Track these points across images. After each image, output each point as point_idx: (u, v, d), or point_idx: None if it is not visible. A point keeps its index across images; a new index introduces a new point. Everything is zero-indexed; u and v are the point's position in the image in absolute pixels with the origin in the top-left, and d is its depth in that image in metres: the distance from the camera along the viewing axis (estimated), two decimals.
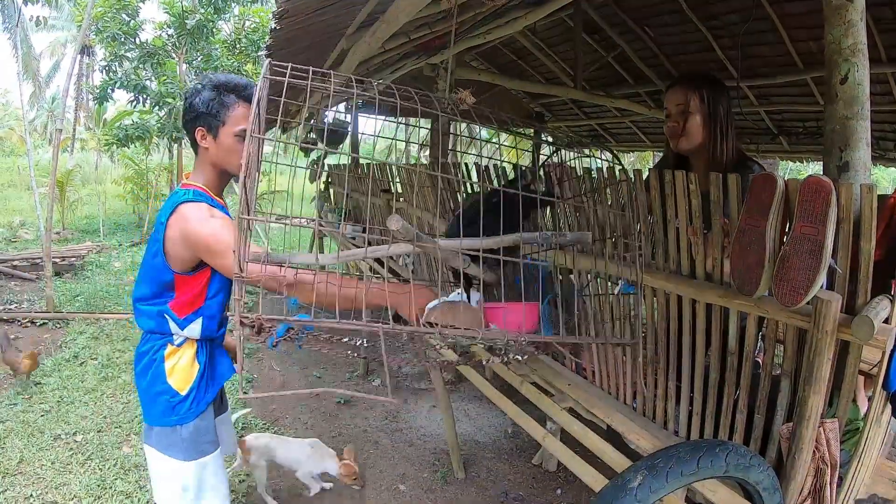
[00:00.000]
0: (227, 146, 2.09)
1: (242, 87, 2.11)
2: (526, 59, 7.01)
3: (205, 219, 2.00)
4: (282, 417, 4.73)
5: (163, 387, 2.16)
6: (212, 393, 2.24)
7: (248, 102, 2.09)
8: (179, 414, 2.16)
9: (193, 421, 2.17)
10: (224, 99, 2.07)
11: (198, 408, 2.18)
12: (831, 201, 1.73)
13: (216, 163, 2.14)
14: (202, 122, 2.08)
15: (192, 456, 2.18)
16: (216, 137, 2.09)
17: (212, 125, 2.08)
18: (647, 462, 1.75)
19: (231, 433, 2.65)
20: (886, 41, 3.98)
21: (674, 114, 2.60)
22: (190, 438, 2.17)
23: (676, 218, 2.25)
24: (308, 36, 3.33)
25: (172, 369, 2.17)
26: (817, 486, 1.99)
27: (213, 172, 2.17)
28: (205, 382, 2.21)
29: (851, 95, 1.98)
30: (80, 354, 5.78)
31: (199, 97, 2.08)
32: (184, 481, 2.18)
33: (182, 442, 2.17)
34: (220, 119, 2.07)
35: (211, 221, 2.00)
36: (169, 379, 2.16)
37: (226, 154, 2.10)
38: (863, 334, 1.71)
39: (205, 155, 2.14)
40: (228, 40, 11.82)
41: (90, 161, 23.54)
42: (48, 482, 3.60)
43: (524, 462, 4.18)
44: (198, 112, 2.08)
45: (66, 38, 29.28)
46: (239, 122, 2.07)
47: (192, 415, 2.17)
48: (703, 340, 2.28)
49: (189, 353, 2.20)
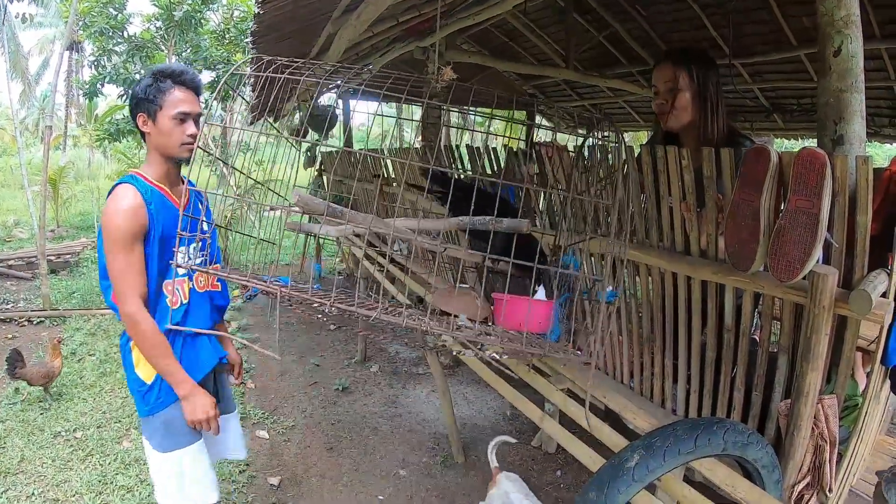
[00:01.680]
0: (166, 129, 2.13)
1: (178, 73, 2.16)
2: (518, 40, 6.95)
3: (113, 212, 2.04)
4: (281, 406, 4.71)
5: (133, 376, 2.20)
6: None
7: (183, 86, 2.15)
8: (149, 404, 2.18)
9: (163, 411, 2.18)
10: (160, 84, 2.12)
11: (168, 397, 2.18)
12: (826, 174, 1.71)
13: (158, 147, 2.17)
14: (142, 107, 2.13)
15: (168, 447, 2.19)
16: (155, 122, 2.13)
17: (150, 110, 2.12)
18: (644, 441, 1.74)
19: (236, 435, 2.61)
20: (880, 16, 3.94)
21: (662, 91, 2.55)
22: (162, 429, 2.19)
23: (670, 195, 2.23)
24: (293, 21, 3.29)
25: (139, 359, 2.18)
26: (816, 462, 1.98)
27: (157, 159, 2.20)
28: None
29: (845, 68, 1.95)
30: (78, 351, 5.75)
31: (138, 85, 2.15)
32: (164, 471, 2.21)
33: (156, 432, 2.20)
34: (157, 103, 2.11)
35: (118, 216, 2.03)
36: (137, 369, 2.19)
37: (165, 137, 2.14)
38: (860, 309, 1.70)
39: (149, 141, 2.19)
40: (217, 31, 11.71)
41: (83, 157, 23.43)
42: (49, 480, 3.59)
43: (524, 444, 4.18)
44: (138, 99, 2.14)
45: (55, 35, 29.02)
46: (175, 105, 2.12)
47: (161, 404, 2.18)
48: (700, 318, 2.26)
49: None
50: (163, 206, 2.14)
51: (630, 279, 2.60)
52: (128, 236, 2.02)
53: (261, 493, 3.56)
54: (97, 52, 10.90)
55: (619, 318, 2.65)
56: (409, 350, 5.90)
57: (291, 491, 3.61)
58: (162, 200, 2.15)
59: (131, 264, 2.04)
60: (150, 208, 2.09)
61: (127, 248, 2.03)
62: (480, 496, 3.57)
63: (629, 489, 1.70)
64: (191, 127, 2.15)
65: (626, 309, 2.62)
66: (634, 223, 2.49)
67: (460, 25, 4.38)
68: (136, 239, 2.05)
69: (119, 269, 2.04)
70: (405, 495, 3.60)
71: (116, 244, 2.02)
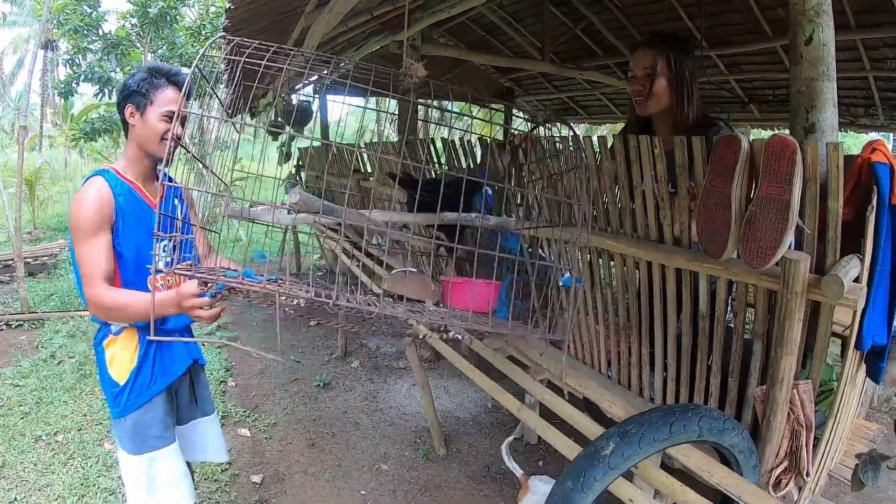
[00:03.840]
0: (153, 126, 2.12)
1: (174, 73, 2.17)
2: (494, 33, 6.95)
3: (78, 201, 2.03)
4: (262, 404, 4.69)
5: (105, 377, 2.17)
6: (159, 385, 2.22)
7: (177, 87, 2.15)
8: (120, 405, 2.15)
9: (134, 412, 2.15)
10: (155, 80, 2.12)
11: (138, 399, 2.16)
12: (796, 160, 1.72)
13: (140, 142, 2.16)
14: (132, 99, 2.12)
15: (139, 449, 2.16)
16: (143, 115, 2.12)
17: (140, 103, 2.12)
18: (618, 429, 1.75)
19: (215, 437, 2.58)
20: (854, 6, 3.96)
21: (640, 76, 2.53)
22: (133, 431, 2.16)
23: (643, 182, 2.24)
24: (265, 16, 3.27)
25: (112, 359, 2.17)
26: (793, 447, 2.00)
27: (135, 153, 2.19)
28: (147, 373, 2.19)
29: (816, 56, 1.96)
30: (57, 353, 5.68)
31: (133, 78, 2.15)
32: (134, 474, 2.17)
33: (126, 434, 2.16)
34: (148, 98, 2.11)
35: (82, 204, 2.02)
36: (109, 369, 2.17)
37: (151, 133, 2.13)
38: (832, 293, 1.71)
39: (132, 133, 2.17)
40: (193, 27, 11.62)
41: (59, 158, 23.10)
42: (31, 484, 3.55)
43: (505, 436, 4.15)
44: (129, 90, 2.13)
45: (29, 34, 28.66)
46: (166, 103, 2.12)
47: (131, 406, 2.15)
48: (675, 306, 2.27)
49: (129, 343, 2.19)
50: (133, 201, 2.14)
51: (605, 268, 2.61)
52: (93, 224, 2.01)
53: (243, 491, 3.54)
54: (72, 50, 10.79)
55: (594, 307, 2.66)
56: (390, 345, 5.89)
57: (274, 488, 3.59)
58: (132, 195, 2.15)
59: (95, 249, 2.01)
60: (119, 200, 2.08)
61: (91, 235, 2.01)
62: (463, 488, 3.59)
63: (605, 477, 1.71)
64: (176, 127, 2.10)
65: (601, 298, 2.63)
66: (608, 213, 2.50)
67: (435, 19, 4.37)
68: (102, 228, 2.03)
69: (83, 255, 2.01)
70: (388, 489, 3.60)
71: (81, 232, 2.01)
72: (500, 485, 3.66)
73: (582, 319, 2.72)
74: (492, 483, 3.68)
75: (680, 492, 2.06)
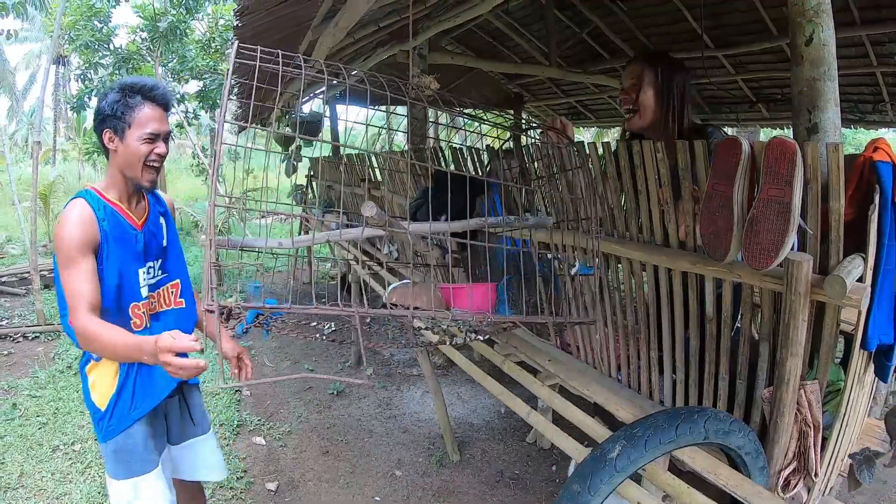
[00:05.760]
0: (133, 149, 2.01)
1: (149, 88, 2.03)
2: (501, 40, 6.97)
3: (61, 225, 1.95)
4: (276, 412, 4.73)
5: (88, 401, 2.13)
6: (142, 409, 2.12)
7: (155, 103, 2.04)
8: (102, 430, 2.10)
9: (116, 438, 2.09)
10: (129, 100, 2.00)
11: (119, 425, 2.09)
12: (797, 162, 1.73)
13: (121, 167, 2.06)
14: (108, 124, 2.01)
15: (122, 475, 2.11)
16: (122, 140, 2.01)
17: (117, 127, 2.00)
18: (625, 432, 1.76)
19: (211, 456, 2.48)
20: (860, 2, 3.96)
21: (627, 87, 2.65)
22: (116, 456, 2.10)
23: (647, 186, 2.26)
24: (273, 31, 3.31)
25: (94, 384, 2.12)
26: (801, 448, 2.00)
27: (118, 177, 2.08)
28: (127, 398, 2.10)
29: (817, 56, 1.97)
30: (73, 365, 5.73)
31: (105, 100, 2.02)
32: (118, 498, 2.13)
33: (109, 458, 2.12)
34: (125, 121, 1.99)
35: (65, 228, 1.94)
36: (92, 394, 2.12)
37: (131, 157, 2.02)
38: (835, 293, 1.72)
39: (113, 158, 2.06)
40: (202, 40, 11.70)
41: (73, 171, 23.30)
42: (49, 493, 3.60)
43: (518, 441, 4.21)
44: (104, 114, 2.01)
45: (41, 50, 28.98)
46: (145, 124, 2.00)
47: (113, 431, 2.09)
48: (682, 309, 2.29)
49: (110, 368, 2.10)
50: (117, 225, 2.05)
51: (613, 272, 2.63)
52: (77, 248, 1.92)
53: (259, 498, 3.57)
54: (83, 65, 10.88)
55: (603, 312, 2.67)
56: (403, 352, 5.91)
57: (289, 495, 3.63)
58: (116, 219, 2.06)
59: (80, 276, 1.92)
60: (103, 224, 2.00)
61: (75, 260, 1.92)
62: (476, 493, 3.60)
63: (612, 480, 1.72)
64: (161, 147, 2.04)
65: (610, 301, 2.64)
66: (615, 217, 2.53)
67: (441, 28, 4.39)
68: (86, 252, 1.94)
69: (67, 282, 1.92)
70: (401, 495, 3.62)
71: (65, 256, 1.92)
72: (514, 490, 3.67)
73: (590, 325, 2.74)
74: (505, 488, 3.69)
75: (687, 494, 2.07)
